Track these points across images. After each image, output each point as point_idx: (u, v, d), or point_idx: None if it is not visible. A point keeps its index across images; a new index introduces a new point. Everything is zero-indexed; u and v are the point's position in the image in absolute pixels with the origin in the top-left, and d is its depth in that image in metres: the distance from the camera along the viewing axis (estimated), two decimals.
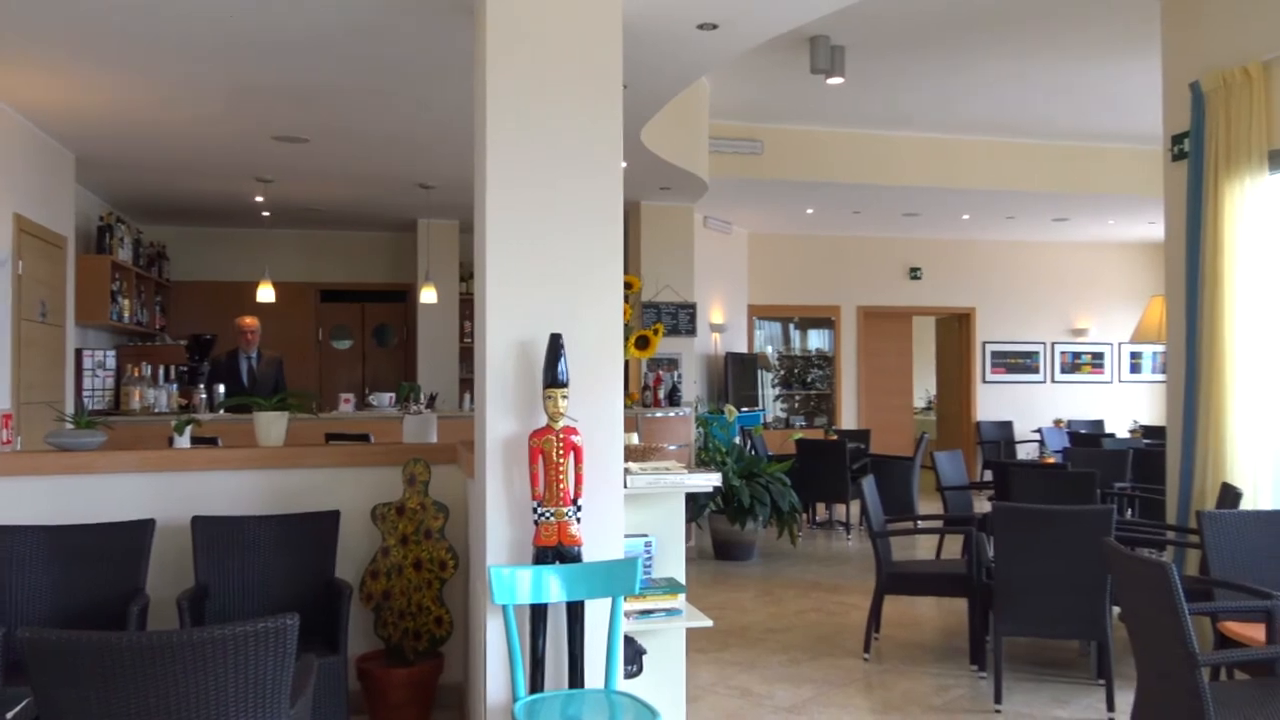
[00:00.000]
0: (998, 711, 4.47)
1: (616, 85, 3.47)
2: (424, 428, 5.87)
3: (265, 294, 9.52)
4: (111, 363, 8.64)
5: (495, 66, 3.37)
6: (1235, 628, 3.89)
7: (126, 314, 9.27)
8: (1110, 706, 4.43)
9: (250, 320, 8.43)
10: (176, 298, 11.33)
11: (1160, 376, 12.98)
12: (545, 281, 3.36)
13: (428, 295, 10.44)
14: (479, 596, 3.52)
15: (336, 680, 3.78)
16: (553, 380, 3.20)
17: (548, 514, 3.19)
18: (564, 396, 3.21)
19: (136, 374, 8.06)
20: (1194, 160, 5.43)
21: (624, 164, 3.52)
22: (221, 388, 8.02)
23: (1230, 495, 4.94)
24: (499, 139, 3.36)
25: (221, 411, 7.47)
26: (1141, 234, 12.69)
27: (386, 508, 4.35)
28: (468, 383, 10.48)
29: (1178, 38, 5.78)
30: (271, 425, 4.73)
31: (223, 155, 7.90)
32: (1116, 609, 4.51)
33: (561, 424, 3.21)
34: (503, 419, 3.32)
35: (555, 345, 3.22)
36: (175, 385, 8.34)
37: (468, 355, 11.22)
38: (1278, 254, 5.14)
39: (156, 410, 7.85)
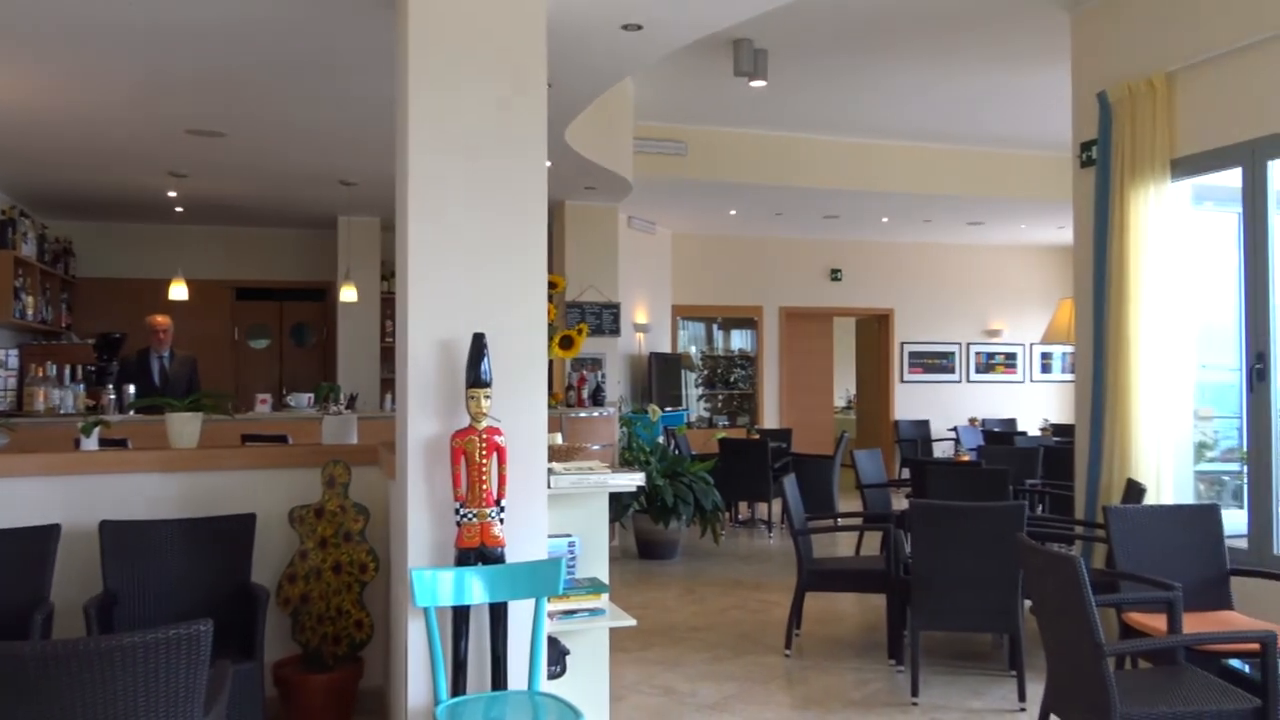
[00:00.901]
0: (914, 704, 4.57)
1: (541, 84, 3.45)
2: (344, 428, 5.78)
3: (178, 292, 9.26)
4: (14, 362, 8.31)
5: (417, 62, 3.33)
6: (1139, 618, 4.04)
7: (30, 311, 8.93)
8: (1021, 697, 4.55)
9: (162, 319, 8.19)
10: (84, 295, 10.96)
11: (1069, 376, 13.39)
12: (468, 280, 3.33)
13: (348, 294, 10.27)
14: (400, 599, 3.47)
15: (252, 687, 3.69)
16: (476, 380, 3.17)
17: (470, 515, 3.17)
18: (487, 396, 3.18)
19: (41, 374, 7.76)
20: (1101, 167, 5.62)
21: (548, 163, 3.50)
22: (132, 388, 7.77)
23: (1135, 491, 5.12)
24: (421, 136, 3.32)
25: (132, 413, 7.24)
26: (1052, 238, 13.09)
27: (305, 510, 4.27)
28: (389, 383, 10.33)
29: (1086, 49, 5.98)
30: (184, 426, 4.61)
31: (133, 148, 7.66)
32: (1028, 602, 4.64)
33: (484, 424, 3.19)
34: (425, 419, 3.28)
35: (478, 345, 3.20)
36: (82, 385, 8.04)
37: (389, 355, 11.07)
38: (1178, 259, 5.34)
39: (62, 411, 7.57)
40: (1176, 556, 4.18)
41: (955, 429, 12.82)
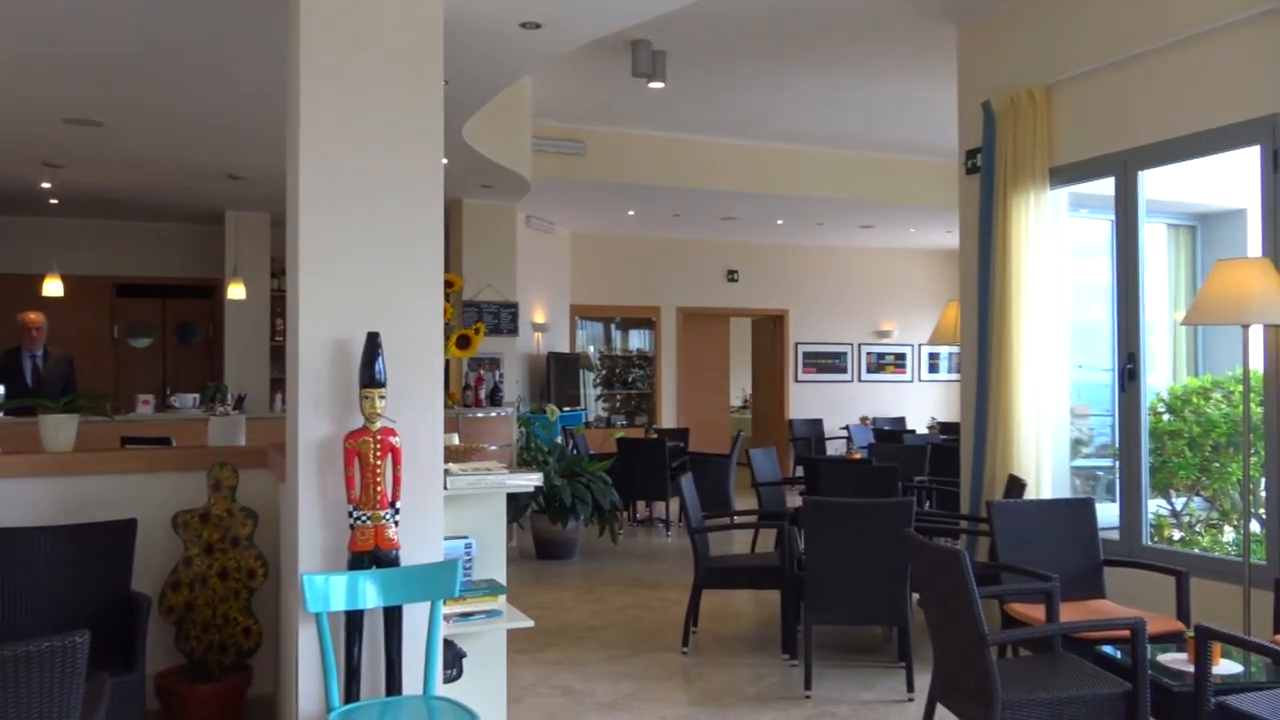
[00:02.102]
0: (808, 697, 4.66)
1: (437, 80, 3.41)
2: (231, 430, 5.61)
3: (53, 287, 8.84)
4: None
5: (309, 54, 3.25)
6: (1020, 608, 4.20)
7: None
8: (910, 687, 4.69)
9: (35, 316, 7.81)
10: None
11: (955, 376, 13.85)
12: (362, 278, 3.27)
13: (236, 291, 9.96)
14: (291, 605, 3.39)
15: (133, 700, 3.55)
16: (370, 380, 3.12)
17: (364, 518, 3.11)
18: (381, 397, 3.13)
19: None
20: (985, 174, 5.83)
21: (445, 160, 3.46)
22: (1, 389, 7.39)
23: (1016, 486, 5.32)
24: (313, 130, 3.24)
25: (1, 414, 6.89)
26: (939, 242, 13.51)
27: (189, 515, 4.13)
28: (279, 383, 10.05)
29: (971, 60, 6.19)
30: (59, 428, 4.40)
31: (3, 138, 7.28)
32: (916, 595, 4.78)
33: (379, 425, 3.14)
34: (317, 420, 3.21)
35: (372, 344, 3.14)
36: None
37: (279, 354, 10.76)
38: (1057, 263, 5.57)
39: None
40: (1054, 549, 4.37)
41: (847, 427, 13.11)
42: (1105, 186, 5.32)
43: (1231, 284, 4.15)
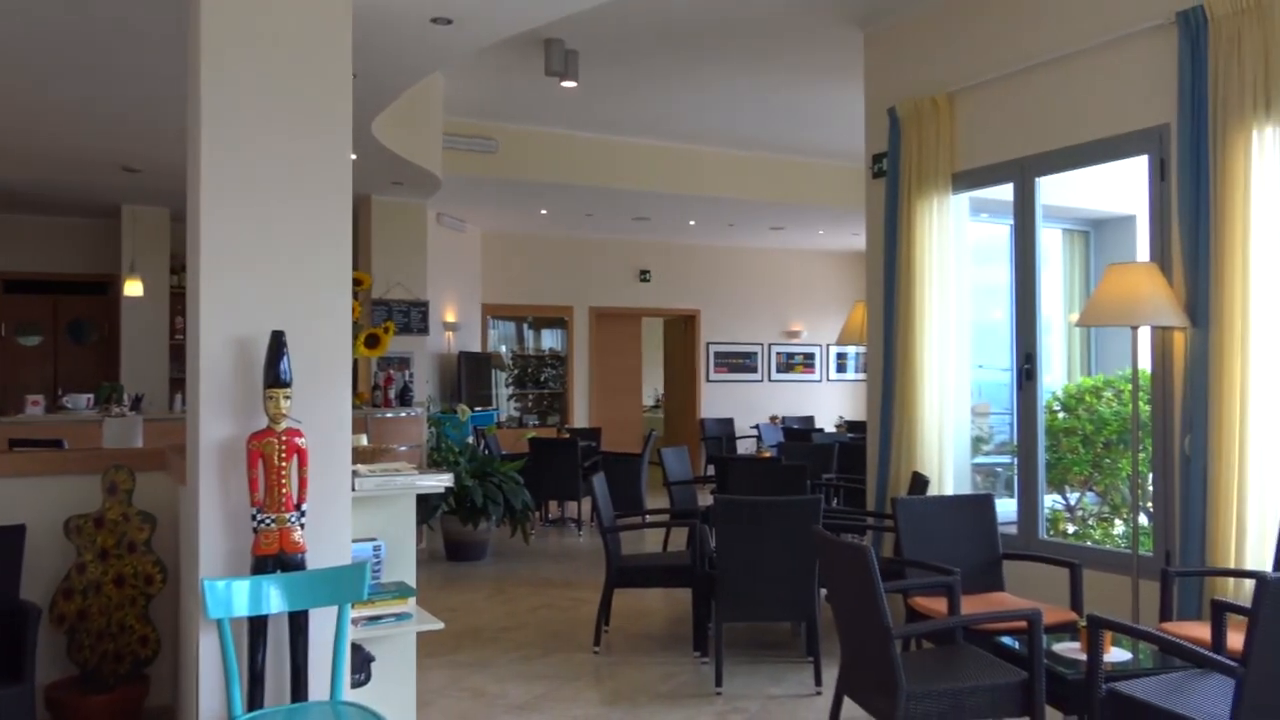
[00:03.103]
0: (718, 694, 4.71)
1: (346, 73, 3.35)
2: (128, 431, 5.42)
3: None
4: None
5: (212, 44, 3.15)
6: (923, 602, 4.31)
7: None
8: (818, 681, 4.77)
9: None
10: None
11: (862, 376, 14.14)
12: (267, 276, 3.19)
13: (133, 288, 9.62)
14: (191, 611, 3.29)
15: (21, 713, 3.40)
16: (274, 380, 3.04)
17: (268, 521, 3.03)
18: (286, 397, 3.06)
19: None
20: (891, 179, 5.97)
21: (353, 156, 3.40)
22: None
23: (919, 482, 5.46)
24: (215, 122, 3.15)
25: None
26: (848, 244, 13.77)
27: (83, 520, 3.97)
28: (179, 383, 9.74)
29: (877, 67, 6.33)
30: None
31: None
32: (824, 591, 4.87)
33: (284, 425, 3.06)
34: (219, 421, 3.12)
35: (277, 343, 3.07)
36: None
37: (179, 353, 10.42)
38: (959, 266, 5.74)
39: None
40: (956, 543, 4.49)
41: (757, 426, 13.28)
42: (1004, 192, 5.50)
43: (1122, 287, 4.33)
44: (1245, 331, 4.10)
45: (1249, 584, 3.54)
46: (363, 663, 3.39)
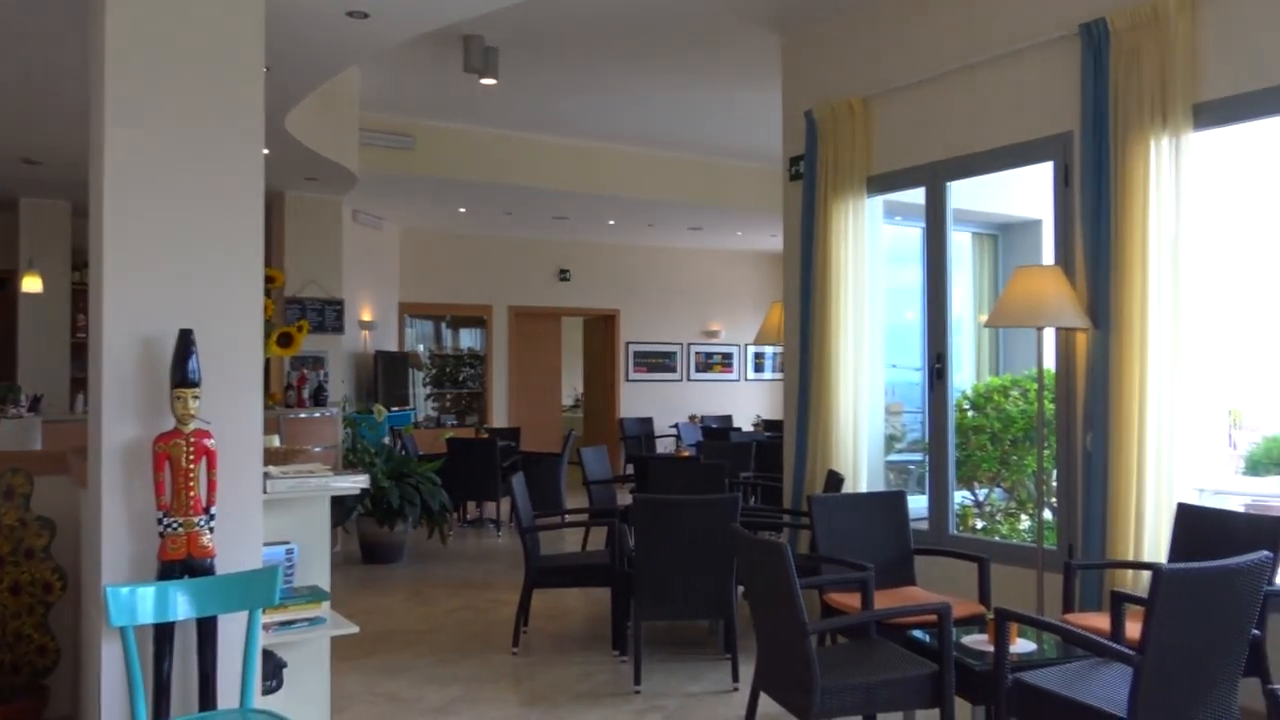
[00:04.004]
0: (637, 692, 4.72)
1: (258, 65, 3.27)
2: (25, 433, 5.21)
3: None
4: None
5: (117, 32, 3.05)
6: (838, 597, 4.39)
7: None
8: (735, 678, 4.82)
9: None
10: None
11: (779, 375, 14.32)
12: (174, 273, 3.10)
13: (31, 284, 9.25)
14: (93, 619, 3.18)
15: None
16: (182, 379, 2.96)
17: (175, 525, 2.95)
18: (195, 397, 2.97)
19: None
20: (808, 181, 6.06)
21: (265, 150, 3.33)
22: None
23: (834, 480, 5.55)
24: (120, 113, 3.05)
25: None
26: (765, 245, 13.94)
27: None
28: (81, 382, 9.39)
29: (795, 70, 6.42)
30: None
31: None
32: (741, 588, 4.92)
33: (192, 427, 2.98)
34: (123, 422, 3.02)
35: (185, 342, 2.98)
36: None
37: (81, 352, 10.03)
38: (873, 268, 5.85)
39: None
40: (870, 539, 4.58)
41: (676, 426, 13.36)
42: (917, 196, 5.63)
43: (1028, 290, 4.47)
44: (1143, 333, 4.26)
45: (1146, 575, 3.68)
46: (274, 669, 3.32)
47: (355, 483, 3.55)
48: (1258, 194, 5.38)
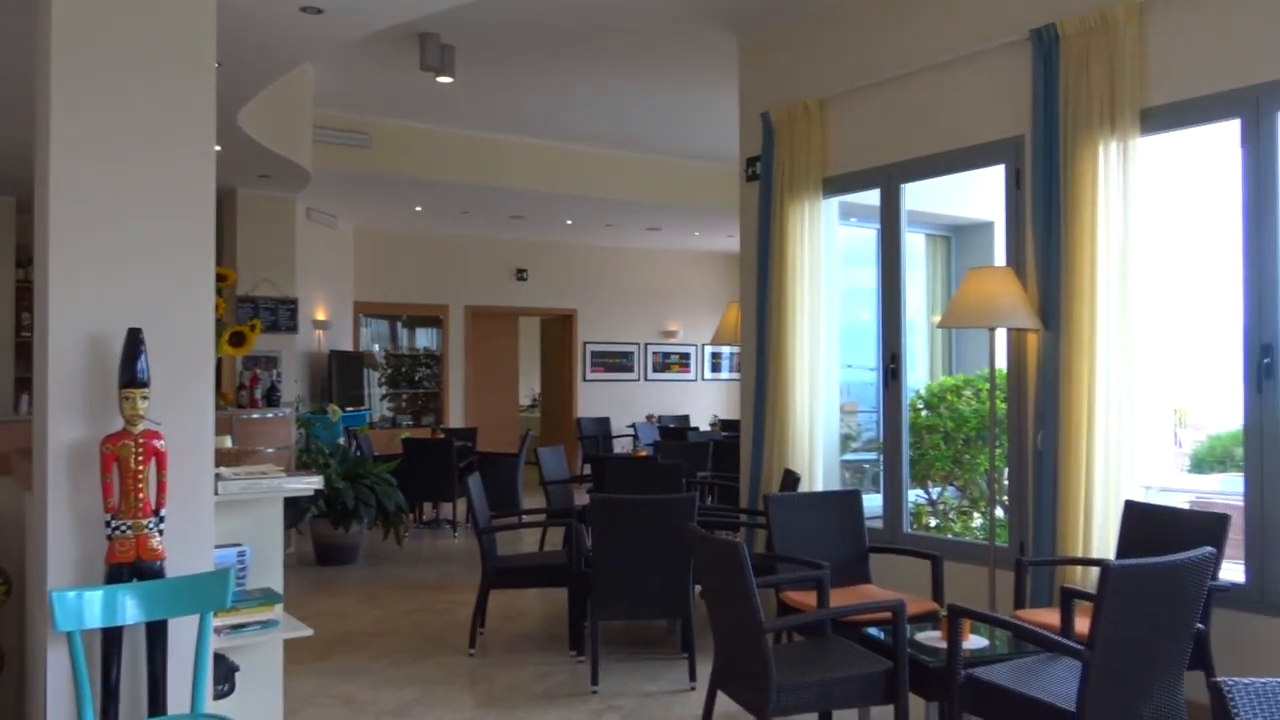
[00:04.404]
0: (594, 693, 4.72)
1: (209, 60, 3.22)
2: None
3: None
4: None
5: (65, 25, 2.99)
6: (794, 596, 4.42)
7: None
8: (692, 677, 4.83)
9: None
10: None
11: (736, 375, 14.38)
12: (124, 271, 3.04)
13: None
14: (38, 625, 3.11)
15: None
16: (131, 379, 2.90)
17: (124, 527, 2.89)
18: (144, 397, 2.92)
19: None
20: (764, 182, 6.09)
21: (217, 147, 3.28)
22: None
23: (790, 480, 5.59)
24: (68, 107, 2.98)
25: None
26: (722, 245, 13.99)
27: None
28: (26, 382, 9.19)
29: (751, 72, 6.45)
30: None
31: None
32: (698, 587, 4.93)
33: (141, 427, 2.93)
34: (69, 423, 2.96)
35: (134, 341, 2.93)
36: None
37: (26, 351, 9.82)
38: (829, 268, 5.90)
39: None
40: (825, 538, 4.61)
41: (634, 425, 13.37)
42: (872, 197, 5.68)
43: (980, 291, 4.53)
44: (1092, 334, 4.34)
45: (1095, 571, 3.75)
46: (226, 673, 3.28)
47: (309, 484, 3.51)
48: (1202, 198, 5.51)
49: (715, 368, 15.39)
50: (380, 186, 9.96)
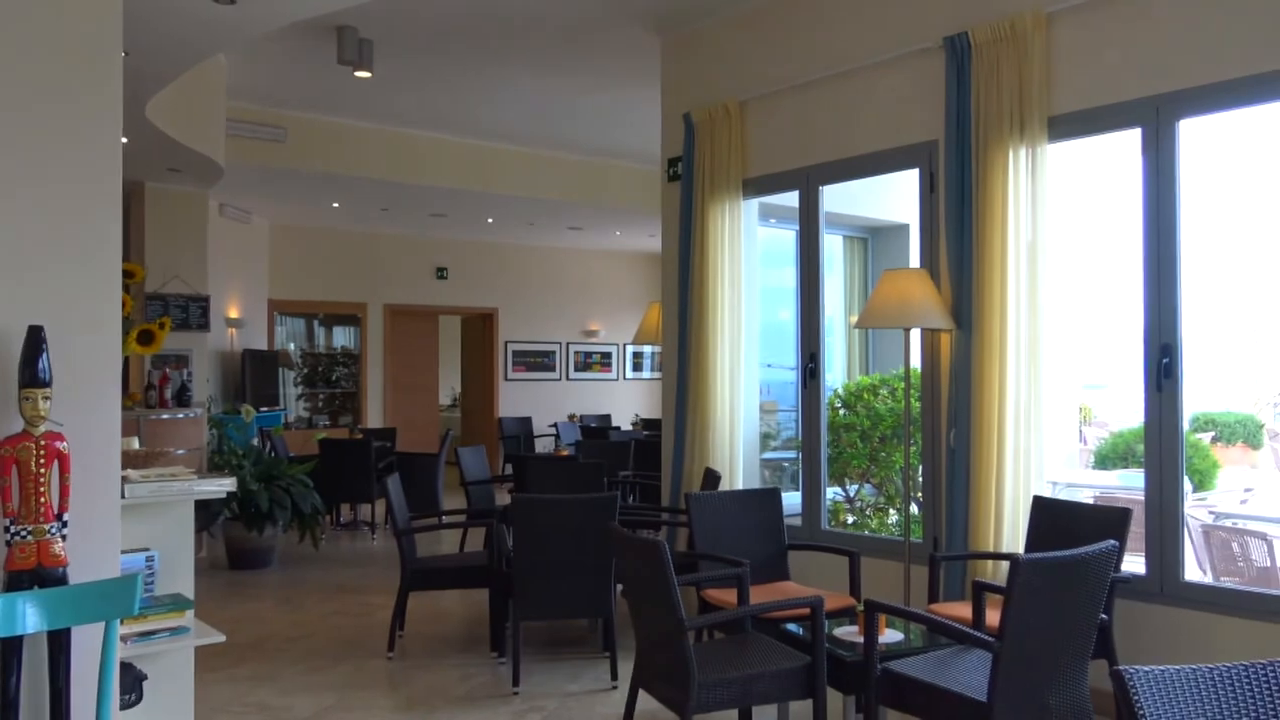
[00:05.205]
0: (516, 693, 4.69)
1: (115, 48, 3.12)
2: None
3: None
4: None
5: None
6: (715, 593, 4.45)
7: None
8: (614, 676, 4.84)
9: None
10: None
11: (658, 375, 14.44)
12: (23, 266, 2.93)
13: None
14: None
15: None
16: (31, 379, 2.79)
17: (24, 533, 2.79)
18: (45, 398, 2.81)
19: None
20: (686, 182, 6.13)
21: (124, 139, 3.17)
22: None
23: (711, 478, 5.63)
24: None
25: None
26: (644, 245, 14.04)
27: None
28: None
29: (674, 72, 6.48)
30: None
31: None
32: (620, 586, 4.94)
33: (42, 429, 2.82)
34: None
35: (35, 339, 2.82)
36: None
37: None
38: (749, 269, 5.96)
39: None
40: (746, 536, 4.66)
41: (556, 425, 13.33)
42: (791, 199, 5.76)
43: (895, 292, 4.62)
44: (1002, 334, 4.46)
45: (1006, 565, 3.85)
46: (134, 682, 3.18)
47: (221, 486, 3.43)
48: (1107, 203, 5.70)
49: (637, 367, 15.43)
50: (296, 182, 9.76)
